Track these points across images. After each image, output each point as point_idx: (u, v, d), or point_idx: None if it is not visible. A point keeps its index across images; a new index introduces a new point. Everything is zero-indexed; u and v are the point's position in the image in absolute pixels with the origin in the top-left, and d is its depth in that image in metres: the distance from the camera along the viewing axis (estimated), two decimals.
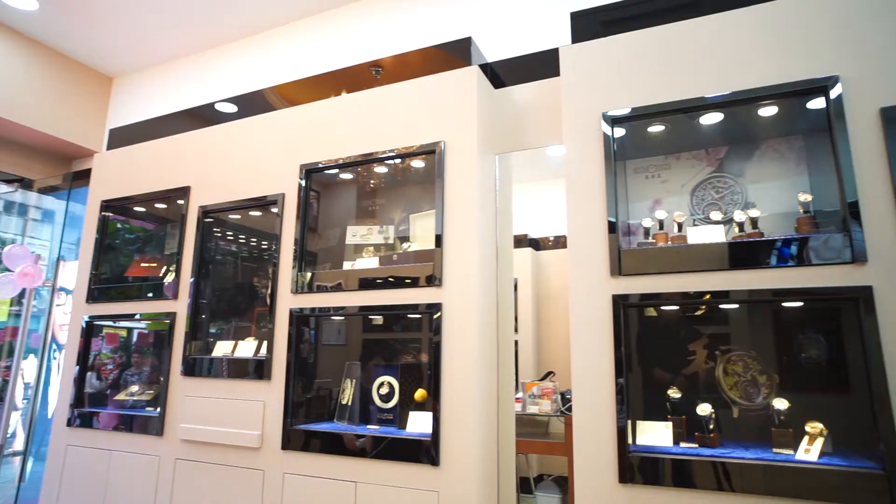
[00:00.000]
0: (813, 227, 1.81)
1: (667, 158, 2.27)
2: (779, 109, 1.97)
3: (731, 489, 1.68)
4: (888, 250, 1.63)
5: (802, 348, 2.00)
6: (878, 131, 1.69)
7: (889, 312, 1.60)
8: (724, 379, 2.02)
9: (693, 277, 1.84)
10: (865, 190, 1.67)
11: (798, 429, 1.76)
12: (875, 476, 1.54)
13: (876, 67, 1.74)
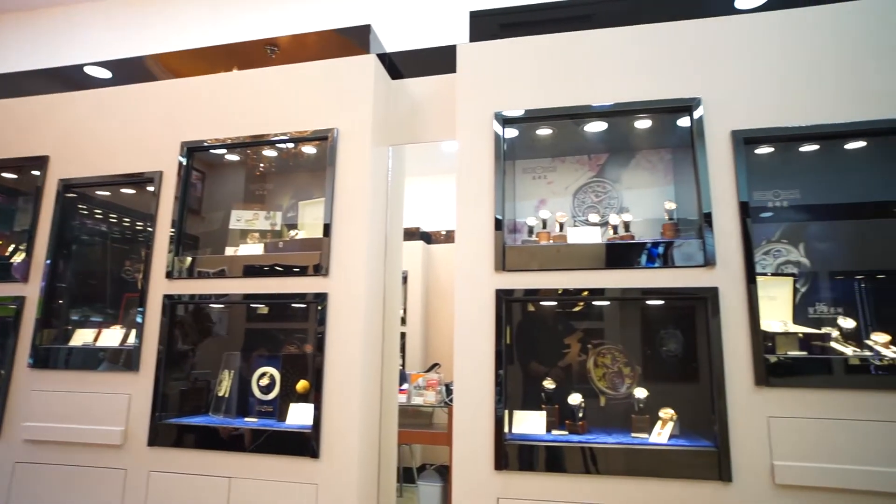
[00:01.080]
0: (676, 232, 2.00)
1: (553, 161, 2.39)
2: (653, 123, 2.15)
3: (597, 472, 1.82)
4: (731, 256, 1.84)
5: (663, 342, 2.20)
6: (729, 151, 1.91)
7: (730, 311, 1.81)
8: (594, 370, 2.17)
9: (571, 275, 1.95)
10: (717, 202, 1.88)
11: (654, 415, 1.94)
12: (710, 453, 1.74)
13: (730, 93, 1.96)
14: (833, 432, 1.70)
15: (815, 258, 2.11)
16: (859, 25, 1.93)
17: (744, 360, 1.78)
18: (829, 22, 1.96)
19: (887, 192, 1.93)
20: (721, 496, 1.73)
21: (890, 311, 2.00)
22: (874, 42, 1.91)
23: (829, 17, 1.96)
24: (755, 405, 1.75)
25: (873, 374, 1.72)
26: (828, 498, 1.67)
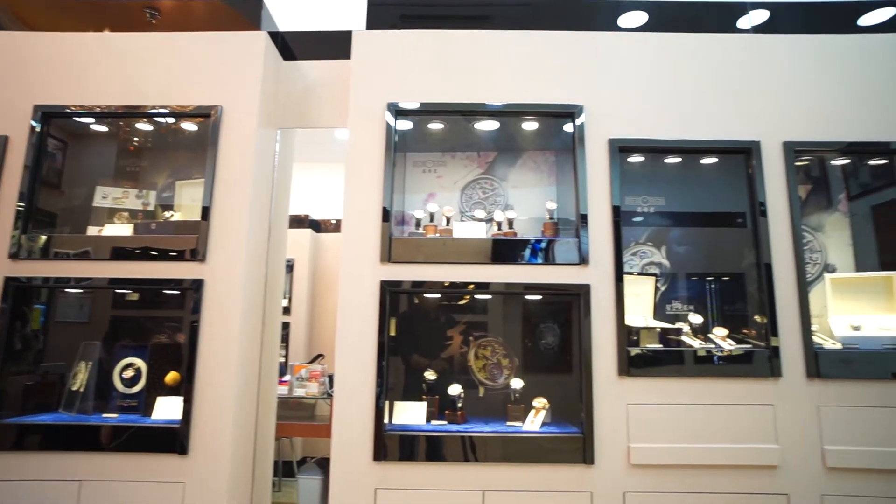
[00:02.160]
0: (555, 231, 2.11)
1: (444, 156, 2.42)
2: (539, 126, 2.25)
3: (475, 459, 1.87)
4: (603, 256, 1.97)
5: (542, 335, 2.31)
6: (605, 157, 2.04)
7: (599, 306, 1.94)
8: (474, 362, 2.24)
9: (456, 269, 1.99)
10: (593, 205, 2.01)
11: (529, 404, 2.03)
12: (576, 438, 1.87)
13: (610, 104, 2.10)
14: (682, 416, 1.89)
15: (674, 260, 2.33)
16: (724, 58, 2.15)
17: (609, 352, 1.92)
18: (701, 50, 2.16)
19: (734, 205, 2.16)
20: (584, 478, 1.86)
21: (731, 308, 2.25)
22: (735, 73, 2.14)
23: (702, 47, 2.17)
24: (617, 393, 1.90)
25: (716, 364, 1.93)
26: (675, 474, 1.86)
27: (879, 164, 2.37)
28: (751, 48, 2.17)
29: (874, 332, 2.03)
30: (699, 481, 1.85)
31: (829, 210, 2.45)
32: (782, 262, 1.99)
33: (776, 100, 2.12)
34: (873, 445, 1.86)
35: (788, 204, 2.02)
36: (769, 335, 1.94)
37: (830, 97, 2.13)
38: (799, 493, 1.85)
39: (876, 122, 2.12)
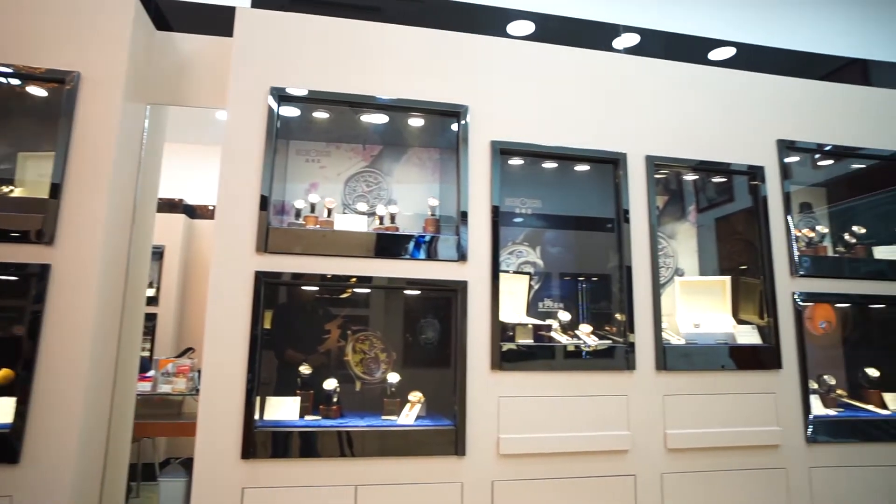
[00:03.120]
0: (437, 228, 2.14)
1: (328, 146, 2.37)
2: (426, 123, 2.27)
3: (351, 454, 1.85)
4: (481, 254, 2.04)
5: (422, 330, 2.34)
6: (487, 159, 2.11)
7: (476, 303, 2.01)
8: (352, 356, 2.22)
9: (336, 261, 1.96)
10: (473, 204, 2.07)
11: (405, 398, 2.05)
12: (449, 431, 1.92)
13: (494, 107, 2.17)
14: (549, 407, 2.00)
15: (548, 260, 2.48)
16: (600, 74, 2.31)
17: (484, 346, 1.99)
18: (580, 64, 2.30)
19: (603, 210, 2.33)
20: (456, 469, 1.91)
21: (598, 306, 2.43)
22: (608, 89, 2.30)
23: (581, 61, 2.31)
24: (489, 386, 1.98)
25: (581, 359, 2.07)
26: (540, 462, 1.97)
27: (722, 182, 2.68)
28: (622, 67, 2.35)
29: (710, 329, 2.29)
30: (561, 467, 1.98)
31: (682, 220, 2.73)
32: (641, 265, 2.18)
33: (641, 117, 2.31)
34: (704, 427, 2.11)
35: (648, 212, 2.22)
36: (627, 332, 2.12)
37: (686, 119, 2.37)
38: (644, 473, 2.04)
39: (720, 144, 2.39)
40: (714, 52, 3.26)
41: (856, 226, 2.66)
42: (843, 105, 2.61)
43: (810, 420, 2.22)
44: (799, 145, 2.49)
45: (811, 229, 2.62)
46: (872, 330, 2.77)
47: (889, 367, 2.61)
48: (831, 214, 2.95)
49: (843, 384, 2.67)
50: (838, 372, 2.72)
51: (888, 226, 2.69)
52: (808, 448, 2.21)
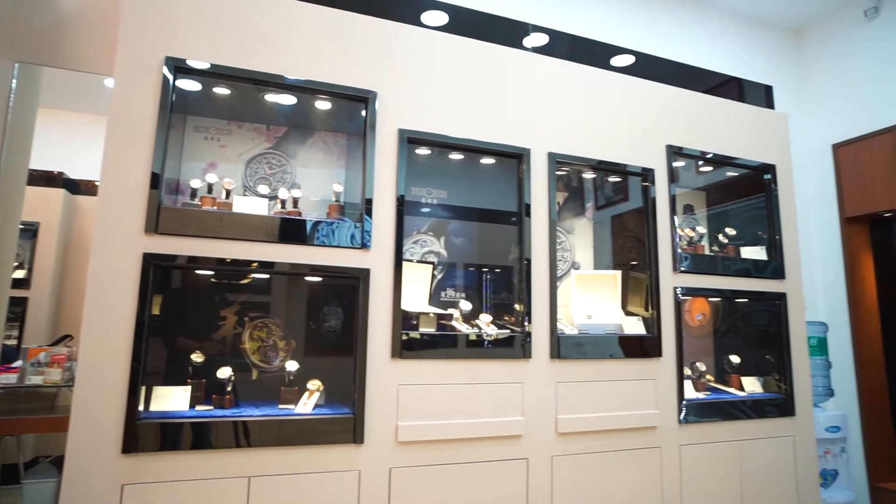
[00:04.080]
0: (341, 214, 2.11)
1: (230, 124, 2.26)
2: (333, 107, 2.22)
3: (244, 445, 1.79)
4: (385, 242, 2.04)
5: (325, 318, 2.30)
6: (394, 147, 2.11)
7: (378, 291, 2.01)
8: (249, 344, 2.14)
9: (233, 245, 1.87)
10: (379, 191, 2.06)
11: (304, 386, 2.01)
12: (348, 419, 1.91)
13: (403, 95, 2.16)
14: (448, 394, 2.04)
15: (451, 250, 2.52)
16: (509, 70, 2.36)
17: (385, 335, 2.00)
18: (490, 59, 2.34)
19: (505, 203, 2.41)
20: (353, 457, 1.91)
21: (499, 297, 2.51)
22: (515, 85, 2.36)
23: (491, 55, 2.35)
24: (390, 375, 1.98)
25: (481, 347, 2.13)
26: (437, 448, 2.01)
27: (618, 182, 2.85)
28: (530, 66, 2.43)
29: (601, 321, 2.44)
30: (458, 453, 2.03)
31: (580, 216, 2.87)
32: (539, 258, 2.27)
33: (546, 115, 2.40)
34: (591, 412, 2.25)
35: (548, 207, 2.32)
36: (524, 322, 2.21)
37: (587, 119, 2.49)
38: (536, 457, 2.14)
39: (617, 146, 2.54)
40: (616, 58, 3.46)
41: (728, 228, 2.94)
42: (722, 117, 2.86)
43: (683, 403, 2.44)
44: (686, 151, 2.70)
45: (692, 229, 2.86)
46: (738, 321, 3.08)
47: (748, 355, 2.92)
48: (709, 217, 3.23)
49: (712, 370, 2.95)
50: (708, 359, 3.01)
51: (754, 229, 3.00)
52: (679, 428, 2.43)
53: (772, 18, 4.13)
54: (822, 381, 3.45)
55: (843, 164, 3.89)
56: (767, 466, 2.61)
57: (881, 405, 3.73)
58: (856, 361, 3.73)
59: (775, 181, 2.92)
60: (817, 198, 4.04)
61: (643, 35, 3.62)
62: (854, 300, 3.78)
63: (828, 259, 3.94)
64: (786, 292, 2.82)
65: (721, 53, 3.92)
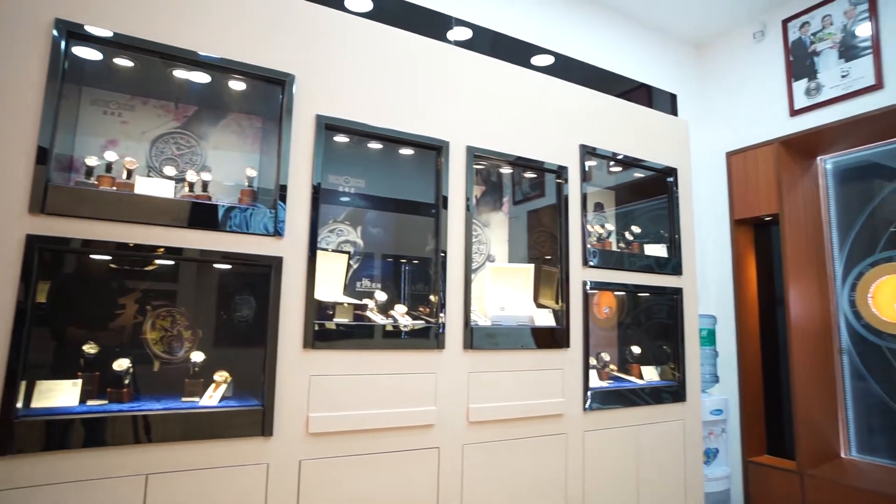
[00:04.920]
0: (254, 200, 2.03)
1: (133, 99, 2.11)
2: (249, 88, 2.12)
3: (148, 440, 1.69)
4: (299, 230, 1.99)
5: (237, 307, 2.21)
6: (311, 133, 2.05)
7: (291, 280, 1.96)
8: (150, 334, 2.02)
9: (137, 229, 1.76)
10: (294, 178, 2.00)
11: (211, 378, 1.93)
12: (256, 411, 1.85)
13: (322, 80, 2.11)
14: (361, 385, 2.03)
15: (368, 240, 2.50)
16: (431, 61, 2.36)
17: (297, 325, 1.95)
18: (414, 50, 2.33)
19: (423, 195, 2.42)
20: (262, 450, 1.85)
21: (415, 288, 2.52)
22: (437, 77, 2.37)
23: (415, 46, 2.34)
24: (301, 365, 1.94)
25: (395, 338, 2.13)
26: (349, 439, 1.99)
27: (534, 178, 2.94)
28: (453, 59, 2.44)
29: (514, 313, 2.51)
30: (370, 444, 2.03)
31: (496, 210, 2.94)
32: (455, 250, 2.30)
33: (466, 108, 2.43)
34: (502, 401, 2.33)
35: (465, 200, 2.35)
36: (439, 313, 2.23)
37: (507, 115, 2.55)
38: (447, 446, 2.18)
39: (535, 143, 2.61)
40: (536, 57, 3.55)
41: (634, 226, 3.12)
42: (632, 121, 3.03)
43: (588, 391, 2.57)
44: (598, 152, 2.83)
45: (602, 226, 3.01)
46: (640, 314, 3.28)
47: (648, 346, 3.13)
48: (617, 215, 3.41)
49: (615, 360, 3.13)
50: (612, 350, 3.19)
51: (657, 228, 3.20)
52: (584, 415, 2.56)
53: (678, 32, 4.41)
54: (709, 369, 3.76)
55: (733, 171, 4.23)
56: (660, 448, 2.81)
57: (756, 390, 4.12)
58: (738, 351, 4.09)
59: (676, 184, 3.13)
60: (712, 201, 4.38)
61: (562, 37, 3.75)
62: (739, 295, 4.14)
63: (719, 257, 4.29)
64: (682, 287, 3.04)
65: (632, 61, 4.13)
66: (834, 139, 3.87)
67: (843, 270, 4.03)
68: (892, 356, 3.75)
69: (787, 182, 3.92)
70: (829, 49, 3.75)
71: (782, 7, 4.03)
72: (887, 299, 3.77)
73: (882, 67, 3.49)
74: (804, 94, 3.85)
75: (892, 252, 3.78)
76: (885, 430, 3.78)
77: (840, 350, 4.00)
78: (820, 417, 3.82)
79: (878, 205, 3.88)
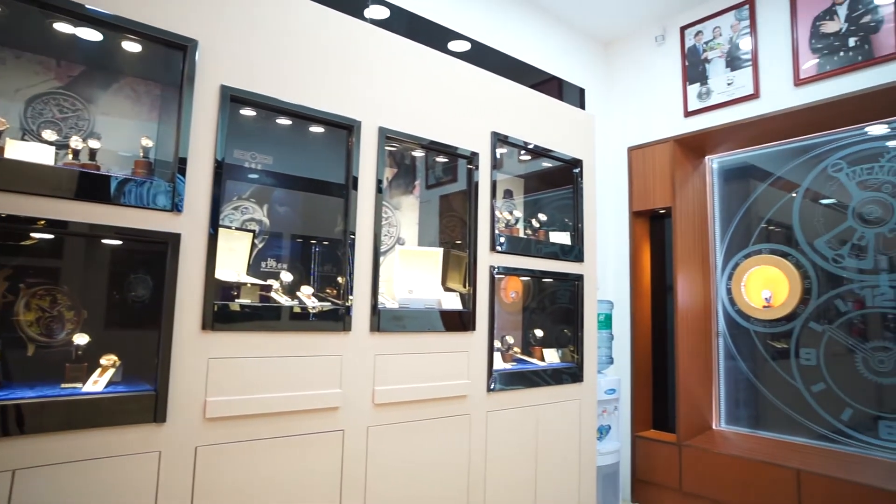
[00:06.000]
0: (149, 172, 1.90)
1: (3, 51, 1.88)
2: (146, 51, 1.96)
3: (20, 432, 1.54)
4: (200, 206, 1.88)
5: (131, 286, 2.06)
6: (215, 104, 1.94)
7: (189, 258, 1.85)
8: (24, 315, 1.84)
9: (10, 199, 1.58)
10: (196, 151, 1.88)
11: (97, 362, 1.80)
12: (148, 396, 1.75)
13: (230, 48, 1.99)
14: (264, 368, 1.97)
15: (275, 219, 2.41)
16: (347, 38, 2.30)
17: (196, 305, 1.86)
18: (331, 25, 2.25)
19: (334, 175, 2.37)
20: (153, 437, 1.76)
21: (324, 269, 2.48)
22: (352, 55, 2.31)
23: (331, 21, 2.26)
24: (199, 348, 1.86)
25: (301, 320, 2.08)
26: (251, 424, 1.94)
27: (448, 163, 2.97)
28: (368, 37, 2.39)
29: (422, 296, 2.54)
30: (272, 427, 1.98)
31: (407, 193, 2.94)
32: (364, 232, 2.28)
33: (380, 88, 2.40)
34: (408, 383, 2.35)
35: (375, 182, 2.33)
36: (346, 295, 2.21)
37: (421, 99, 2.54)
38: (352, 428, 2.18)
39: (449, 128, 2.63)
40: (453, 43, 3.57)
41: (541, 214, 3.24)
42: (543, 112, 3.12)
43: (492, 373, 2.66)
44: (510, 140, 2.90)
45: (510, 213, 3.09)
46: (545, 299, 3.43)
47: (550, 329, 3.29)
48: (525, 203, 3.53)
49: (519, 343, 3.26)
50: (517, 333, 3.31)
51: (562, 216, 3.35)
52: (487, 396, 2.65)
53: (589, 30, 4.59)
54: (605, 352, 4.01)
55: (634, 165, 4.50)
56: (558, 426, 2.97)
57: (646, 370, 4.46)
58: (632, 334, 4.39)
59: (581, 175, 3.28)
60: (613, 193, 4.63)
61: (479, 25, 3.78)
62: (634, 282, 4.44)
63: (618, 246, 4.56)
64: (583, 274, 3.20)
65: (546, 54, 4.26)
66: (719, 141, 4.22)
67: (723, 261, 4.43)
68: (757, 338, 4.20)
69: (680, 178, 4.23)
70: (718, 58, 4.07)
71: (681, 14, 4.31)
72: (756, 287, 4.20)
73: (759, 79, 3.84)
74: (697, 98, 4.16)
75: (762, 245, 4.21)
76: (748, 403, 4.24)
77: (717, 333, 4.41)
78: (698, 394, 4.20)
79: (753, 202, 4.30)
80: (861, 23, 3.41)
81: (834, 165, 3.91)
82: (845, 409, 3.74)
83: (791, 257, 4.05)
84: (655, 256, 4.61)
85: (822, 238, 3.92)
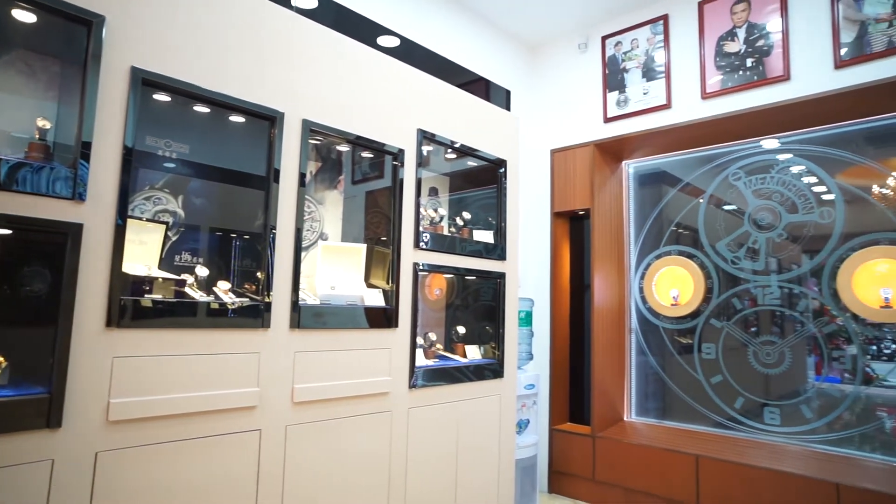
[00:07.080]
0: (47, 156, 1.75)
1: None
2: (42, 22, 1.81)
3: None
4: (106, 195, 1.76)
5: (23, 280, 1.88)
6: (125, 86, 1.82)
7: (93, 250, 1.72)
8: None
9: None
10: (102, 136, 1.76)
11: None
12: (40, 400, 1.61)
13: (141, 26, 1.87)
14: (175, 367, 1.87)
15: (190, 211, 2.30)
16: (272, 27, 2.21)
17: (100, 301, 1.73)
18: (255, 13, 2.16)
19: (254, 167, 2.28)
20: (46, 444, 1.62)
21: (243, 264, 2.39)
22: (276, 44, 2.23)
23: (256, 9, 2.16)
24: (103, 346, 1.74)
25: (216, 317, 2.00)
26: (159, 426, 1.83)
27: (374, 159, 2.94)
28: (295, 27, 2.32)
29: (344, 292, 2.51)
30: (183, 429, 1.89)
31: (332, 188, 2.89)
32: (285, 227, 2.22)
33: (305, 80, 2.34)
34: (329, 381, 2.32)
35: (298, 176, 2.27)
36: (266, 291, 2.14)
37: (348, 93, 2.50)
38: (270, 427, 2.12)
39: (376, 124, 2.61)
40: (382, 38, 3.54)
41: (465, 212, 3.29)
42: (470, 112, 3.16)
43: (414, 370, 2.67)
44: (437, 138, 2.92)
45: (435, 210, 3.11)
46: (468, 296, 3.48)
47: (473, 326, 3.34)
48: (450, 201, 3.57)
49: (442, 340, 3.29)
50: (440, 330, 3.34)
51: (486, 215, 3.41)
52: (409, 393, 2.66)
53: (516, 32, 4.69)
54: (526, 348, 4.13)
55: (556, 167, 4.66)
56: (478, 421, 3.03)
57: (563, 365, 4.64)
58: (551, 331, 4.55)
59: (506, 175, 3.35)
60: (536, 193, 4.77)
61: (408, 22, 3.77)
62: (554, 281, 4.60)
63: (539, 245, 4.71)
64: (505, 272, 3.28)
65: (473, 54, 4.32)
66: (635, 146, 4.45)
67: (637, 261, 4.69)
68: (665, 334, 4.48)
69: (599, 181, 4.43)
70: (635, 68, 4.29)
71: (603, 24, 4.51)
72: (665, 287, 4.48)
73: (671, 90, 4.09)
74: (615, 105, 4.37)
75: (672, 247, 4.49)
76: (656, 395, 4.52)
77: (630, 329, 4.66)
78: (611, 388, 4.43)
79: (665, 206, 4.57)
80: (756, 45, 3.72)
81: (734, 174, 4.24)
82: (738, 398, 4.07)
83: (696, 258, 4.36)
84: (574, 256, 4.80)
85: (722, 241, 4.25)
